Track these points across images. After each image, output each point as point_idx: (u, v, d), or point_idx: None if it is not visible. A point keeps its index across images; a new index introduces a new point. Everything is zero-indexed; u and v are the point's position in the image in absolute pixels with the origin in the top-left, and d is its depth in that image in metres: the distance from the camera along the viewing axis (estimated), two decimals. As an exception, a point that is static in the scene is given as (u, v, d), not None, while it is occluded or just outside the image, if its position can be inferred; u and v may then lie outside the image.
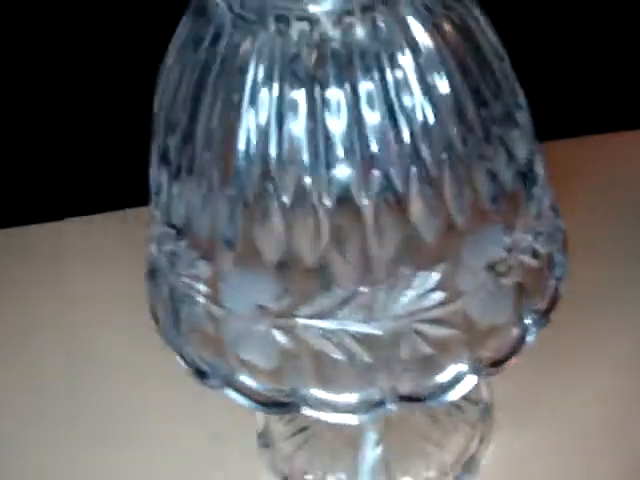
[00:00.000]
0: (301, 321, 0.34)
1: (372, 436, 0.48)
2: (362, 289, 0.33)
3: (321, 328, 0.34)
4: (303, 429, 0.50)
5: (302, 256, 0.33)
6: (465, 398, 0.51)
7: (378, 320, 0.34)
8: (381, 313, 0.34)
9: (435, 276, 0.33)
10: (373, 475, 0.48)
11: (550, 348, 0.48)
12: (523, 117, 0.36)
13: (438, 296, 0.34)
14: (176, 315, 0.38)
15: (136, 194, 0.43)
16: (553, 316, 0.39)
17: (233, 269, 0.34)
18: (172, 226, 0.37)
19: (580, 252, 0.41)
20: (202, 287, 0.36)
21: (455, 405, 0.51)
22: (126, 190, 0.55)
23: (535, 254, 0.37)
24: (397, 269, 0.33)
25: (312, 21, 0.32)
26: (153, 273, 0.40)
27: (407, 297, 0.33)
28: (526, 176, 0.37)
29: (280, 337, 0.34)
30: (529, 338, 0.37)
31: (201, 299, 0.36)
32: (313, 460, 0.49)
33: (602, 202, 0.59)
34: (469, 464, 0.49)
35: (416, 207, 0.33)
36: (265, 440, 0.51)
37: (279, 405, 0.36)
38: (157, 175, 0.37)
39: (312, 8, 0.31)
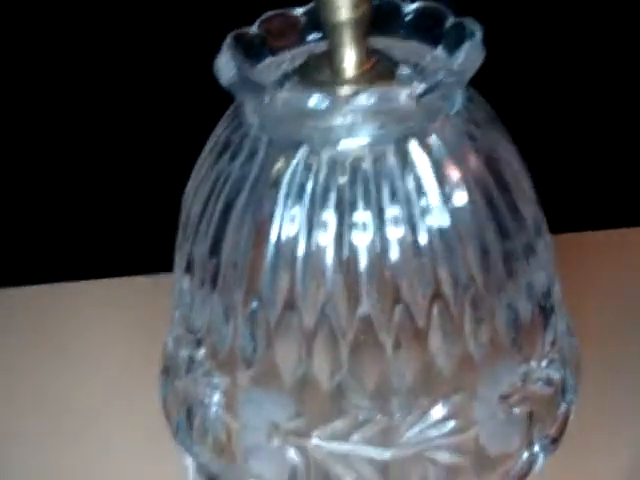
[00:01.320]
0: (314, 441, 0.33)
1: None
2: (377, 416, 0.32)
3: (333, 449, 0.33)
4: None
5: (320, 379, 0.32)
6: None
7: (391, 446, 0.33)
8: (394, 440, 0.33)
9: (450, 406, 0.33)
10: None
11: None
12: (543, 245, 0.36)
13: (451, 425, 0.33)
14: (189, 417, 0.37)
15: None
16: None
17: (250, 386, 0.33)
18: (192, 332, 0.36)
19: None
20: (218, 397, 0.35)
21: None
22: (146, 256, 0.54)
23: (549, 382, 0.36)
24: (413, 398, 0.32)
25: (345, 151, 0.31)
26: (168, 370, 0.39)
27: (421, 425, 0.33)
28: (545, 307, 0.36)
29: (292, 455, 0.34)
30: (537, 464, 0.36)
31: (216, 408, 0.35)
32: None
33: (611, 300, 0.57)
34: None
35: (435, 340, 0.32)
36: None
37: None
38: (180, 280, 0.36)
39: (346, 143, 0.31)
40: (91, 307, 0.60)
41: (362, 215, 0.31)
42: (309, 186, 0.31)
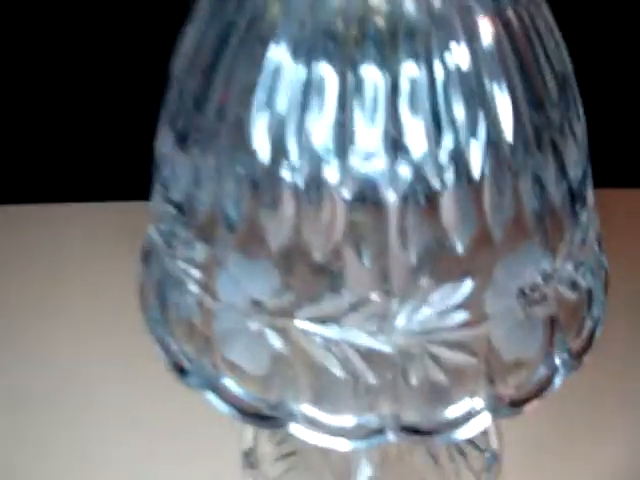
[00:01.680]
0: (300, 324, 0.28)
1: (365, 471, 0.42)
2: (375, 297, 0.27)
3: (322, 335, 0.28)
4: (292, 453, 0.44)
5: (310, 249, 0.27)
6: (471, 443, 0.44)
7: (388, 335, 0.28)
8: (393, 327, 0.28)
9: (460, 292, 0.27)
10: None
11: (574, 396, 0.42)
12: (580, 130, 0.30)
13: (460, 316, 0.28)
14: (164, 301, 0.32)
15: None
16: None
17: (232, 254, 0.28)
18: (171, 202, 0.31)
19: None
20: (196, 272, 0.30)
21: (459, 450, 0.45)
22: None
23: (574, 286, 0.31)
24: (418, 278, 0.27)
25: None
26: (148, 255, 0.34)
27: (425, 312, 0.27)
28: (576, 197, 0.31)
29: (274, 339, 0.28)
30: (557, 380, 0.31)
31: (193, 287, 0.30)
32: (299, 488, 0.43)
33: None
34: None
35: (448, 210, 0.27)
36: (251, 460, 0.45)
37: (263, 418, 0.30)
38: (162, 144, 0.31)
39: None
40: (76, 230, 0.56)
41: (371, 73, 0.26)
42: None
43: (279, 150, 0.27)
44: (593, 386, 0.46)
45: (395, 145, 0.26)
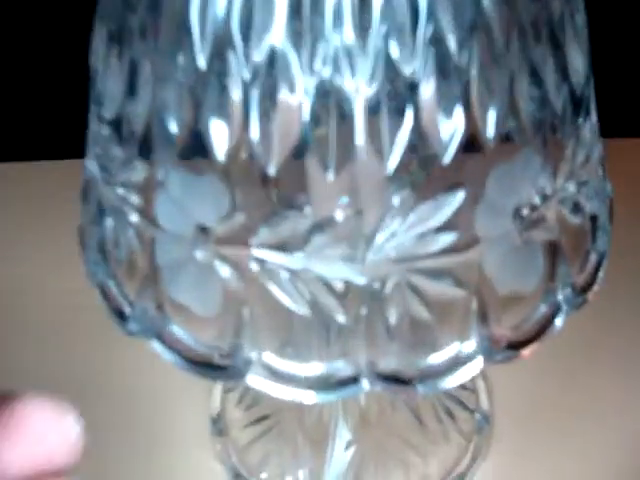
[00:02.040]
0: (255, 252, 0.23)
1: (343, 435, 0.37)
2: (342, 216, 0.22)
3: (281, 265, 0.23)
4: (263, 418, 0.39)
5: (263, 160, 0.22)
6: (460, 403, 0.39)
7: (361, 263, 0.23)
8: (366, 252, 0.22)
9: (446, 210, 0.22)
10: (339, 482, 0.36)
11: (569, 351, 0.38)
12: (582, 25, 0.25)
13: (446, 239, 0.23)
14: (103, 239, 0.27)
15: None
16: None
17: (173, 172, 0.23)
18: (105, 121, 0.26)
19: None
20: (135, 198, 0.25)
21: (447, 410, 0.39)
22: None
23: (577, 210, 0.26)
24: (394, 193, 0.22)
25: None
26: (86, 192, 0.29)
27: (404, 233, 0.22)
28: (578, 106, 0.26)
29: (224, 272, 0.23)
30: (558, 320, 0.26)
31: (133, 216, 0.25)
32: (271, 456, 0.38)
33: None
34: (456, 483, 0.38)
35: (429, 107, 0.21)
36: (219, 427, 0.40)
37: (215, 368, 0.24)
38: (94, 56, 0.26)
39: None
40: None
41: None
42: None
43: (225, 45, 0.22)
44: (589, 338, 0.41)
45: (362, 29, 0.21)
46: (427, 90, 0.21)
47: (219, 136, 0.23)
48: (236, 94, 0.22)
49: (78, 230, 0.30)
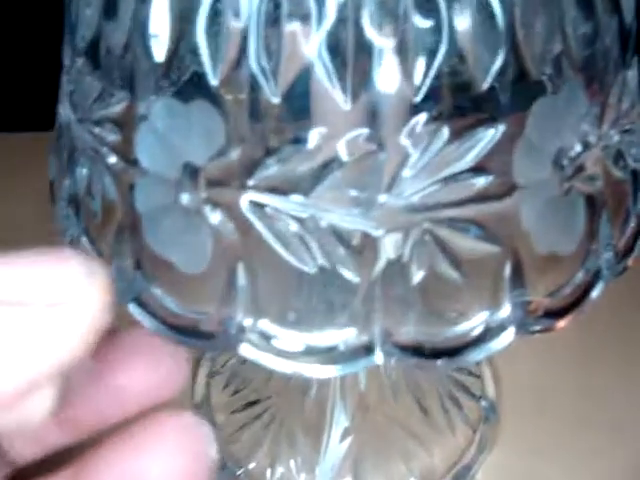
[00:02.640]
0: (251, 195, 0.18)
1: (341, 422, 0.33)
2: (358, 150, 0.18)
3: (282, 211, 0.18)
4: (252, 403, 0.35)
5: (264, 80, 0.17)
6: (463, 388, 0.35)
7: (378, 209, 0.18)
8: (385, 197, 0.18)
9: (480, 146, 0.18)
10: (335, 473, 0.32)
11: (579, 336, 0.34)
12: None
13: (479, 182, 0.18)
14: (74, 188, 0.22)
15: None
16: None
17: (156, 100, 0.19)
18: (79, 50, 0.21)
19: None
20: (113, 136, 0.20)
21: (452, 398, 0.35)
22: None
23: (620, 161, 0.22)
24: (419, 121, 0.18)
25: None
26: (58, 141, 0.25)
27: (430, 175, 0.18)
28: (627, 44, 0.21)
29: (215, 219, 0.19)
30: (598, 287, 0.22)
31: (110, 157, 0.21)
32: (260, 444, 0.34)
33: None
34: (461, 476, 0.34)
35: (466, 23, 0.17)
36: (203, 413, 0.35)
37: (203, 336, 0.20)
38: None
39: None
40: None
41: None
42: None
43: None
44: (601, 324, 0.38)
45: None
46: (465, 6, 0.17)
47: (211, 56, 0.18)
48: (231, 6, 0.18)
49: (49, 187, 0.26)
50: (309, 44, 0.17)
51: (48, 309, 0.14)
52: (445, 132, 0.18)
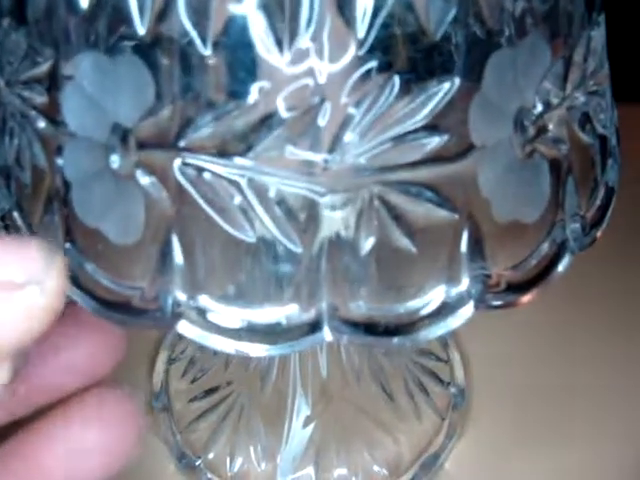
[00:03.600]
0: (186, 157, 0.16)
1: (302, 410, 0.31)
2: (299, 105, 0.16)
3: (219, 175, 0.17)
4: (211, 391, 0.33)
5: (197, 31, 0.16)
6: (432, 374, 0.34)
7: (322, 171, 0.16)
8: (329, 157, 0.16)
9: (434, 100, 0.16)
10: (297, 462, 0.30)
11: (550, 318, 0.32)
12: None
13: (433, 141, 0.17)
14: (4, 160, 0.21)
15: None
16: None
17: (83, 55, 0.17)
18: (3, 10, 0.19)
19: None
20: (40, 98, 0.18)
21: (419, 384, 0.34)
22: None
23: (586, 124, 0.20)
24: (368, 76, 0.16)
25: None
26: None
27: (379, 133, 0.16)
28: (594, 3, 0.20)
29: (147, 184, 0.17)
30: (564, 260, 0.20)
31: (38, 122, 0.19)
32: (219, 433, 0.32)
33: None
34: (428, 464, 0.32)
35: None
36: (162, 402, 0.34)
37: (137, 313, 0.18)
38: None
39: None
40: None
41: None
42: None
43: None
44: (572, 302, 0.36)
45: None
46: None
47: (139, 5, 0.16)
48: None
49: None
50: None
51: (9, 291, 0.15)
52: (395, 86, 0.16)
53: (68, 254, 0.20)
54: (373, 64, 0.16)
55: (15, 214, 0.22)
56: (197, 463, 0.32)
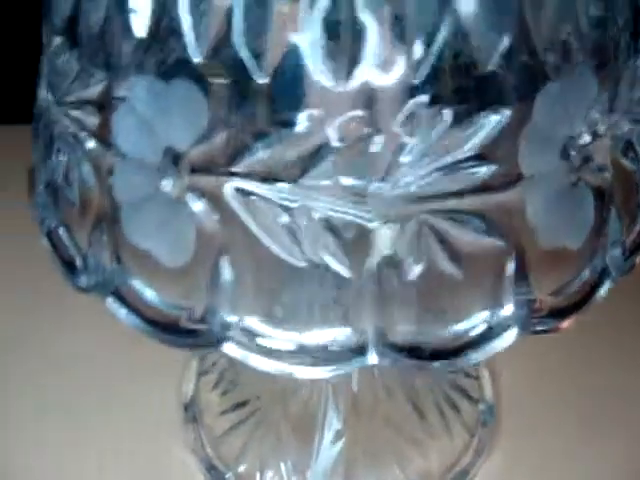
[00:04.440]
0: (237, 183, 0.17)
1: (333, 425, 0.31)
2: (351, 134, 0.16)
3: (270, 200, 0.17)
4: (241, 404, 0.33)
5: (252, 61, 0.16)
6: (461, 391, 0.34)
7: (372, 198, 0.17)
8: (379, 186, 0.17)
9: (483, 132, 0.16)
10: (327, 477, 0.30)
11: (579, 338, 0.32)
12: None
13: (482, 171, 0.17)
14: (52, 176, 0.21)
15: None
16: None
17: (137, 79, 0.17)
18: (57, 27, 0.20)
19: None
20: (92, 119, 0.19)
21: (449, 400, 0.34)
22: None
23: (629, 151, 0.20)
24: (420, 106, 0.16)
25: None
26: (36, 126, 0.23)
27: (430, 163, 0.16)
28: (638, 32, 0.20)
29: (199, 208, 0.17)
30: (605, 286, 0.20)
31: (88, 142, 0.19)
32: (249, 447, 0.32)
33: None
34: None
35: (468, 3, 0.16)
36: (192, 414, 0.34)
37: (184, 333, 0.18)
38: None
39: None
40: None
41: None
42: None
43: None
44: (601, 327, 0.36)
45: None
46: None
47: (195, 33, 0.17)
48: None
49: (27, 177, 0.24)
50: (299, 24, 0.16)
51: None
52: (447, 116, 0.17)
53: (115, 271, 0.20)
54: (426, 94, 0.16)
55: (61, 231, 0.22)
56: (227, 476, 0.32)
